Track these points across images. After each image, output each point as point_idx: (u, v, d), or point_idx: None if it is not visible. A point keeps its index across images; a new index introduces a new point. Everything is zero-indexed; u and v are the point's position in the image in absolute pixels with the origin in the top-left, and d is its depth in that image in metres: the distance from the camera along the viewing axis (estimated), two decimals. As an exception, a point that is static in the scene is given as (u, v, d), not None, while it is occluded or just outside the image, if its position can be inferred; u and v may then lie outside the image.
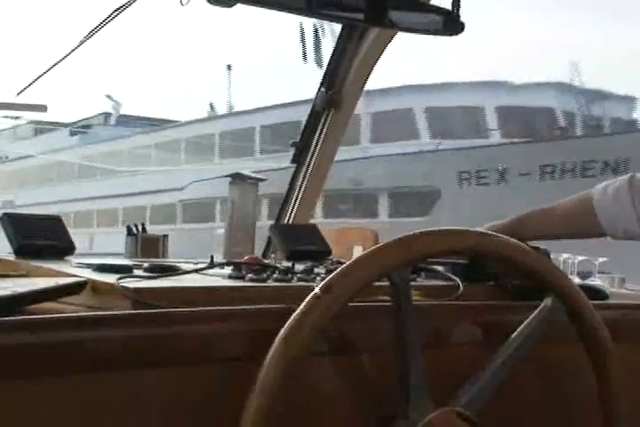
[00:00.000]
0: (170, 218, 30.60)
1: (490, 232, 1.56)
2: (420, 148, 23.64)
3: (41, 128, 41.48)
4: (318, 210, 25.89)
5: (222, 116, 33.17)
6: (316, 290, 1.32)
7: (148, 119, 39.40)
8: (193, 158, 32.10)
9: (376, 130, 25.49)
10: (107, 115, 40.55)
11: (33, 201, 36.79)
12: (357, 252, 2.93)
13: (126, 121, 38.94)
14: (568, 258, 2.58)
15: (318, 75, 2.78)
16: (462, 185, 22.48)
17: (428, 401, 1.40)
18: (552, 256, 1.97)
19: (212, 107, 36.29)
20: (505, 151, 21.43)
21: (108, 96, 40.36)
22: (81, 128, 39.61)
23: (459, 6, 2.01)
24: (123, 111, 40.38)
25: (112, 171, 34.93)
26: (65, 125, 40.96)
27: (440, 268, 1.88)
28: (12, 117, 42.15)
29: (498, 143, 22.71)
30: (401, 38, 2.62)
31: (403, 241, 1.41)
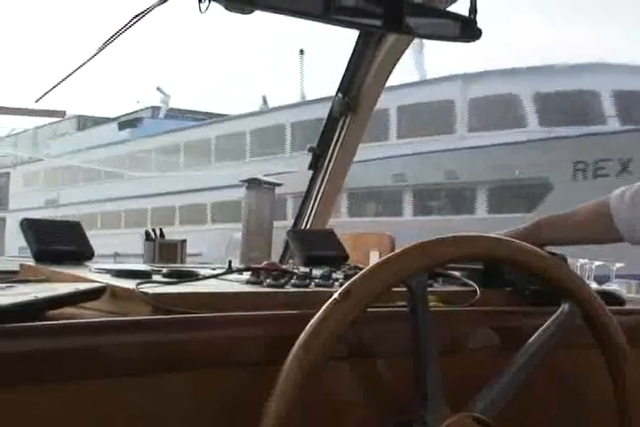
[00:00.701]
0: (236, 216, 28.10)
1: (506, 238, 1.56)
2: (528, 136, 21.38)
3: (84, 123, 39.70)
4: (407, 206, 24.36)
5: (293, 106, 29.65)
6: (335, 295, 1.32)
7: (197, 113, 37.39)
8: (260, 151, 29.53)
9: (474, 117, 23.27)
10: (154, 108, 38.47)
11: (78, 199, 35.17)
12: (374, 257, 2.93)
13: (174, 115, 36.94)
14: (585, 263, 2.58)
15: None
16: (577, 177, 20.54)
17: (445, 407, 1.40)
18: (569, 261, 1.97)
19: (264, 100, 33.67)
20: (627, 139, 19.30)
21: (159, 88, 38.32)
22: (130, 122, 37.35)
23: (475, 12, 2.01)
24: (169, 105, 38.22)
25: (168, 166, 32.65)
26: (110, 120, 39.01)
27: (457, 273, 1.89)
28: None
29: (618, 131, 20.55)
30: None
31: (419, 247, 1.41)
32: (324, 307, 1.31)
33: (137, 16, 1.97)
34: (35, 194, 38.98)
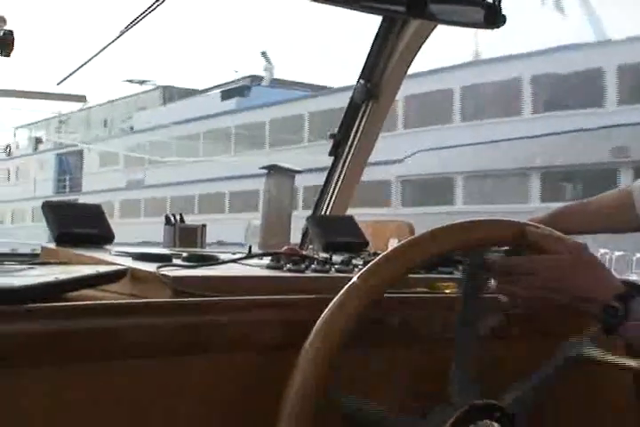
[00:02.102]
0: (381, 200, 23.09)
1: (535, 224, 1.54)
2: None
3: (170, 95, 36.14)
4: (568, 190, 21.25)
5: (464, 66, 24.08)
6: (354, 279, 1.32)
7: (302, 84, 33.35)
8: (414, 122, 24.29)
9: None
10: (254, 78, 34.29)
11: (167, 180, 31.35)
12: (394, 245, 2.92)
13: (279, 85, 32.77)
14: (605, 253, 2.57)
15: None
16: None
17: (476, 390, 1.40)
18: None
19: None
20: None
21: (263, 53, 34.23)
22: (236, 90, 32.85)
23: (500, -2, 2.01)
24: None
25: (288, 140, 28.23)
26: (198, 91, 35.31)
27: None
28: (137, 82, 36.94)
29: None
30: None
31: (439, 232, 1.40)
32: (342, 290, 1.31)
33: (157, 0, 1.97)
34: (114, 174, 35.07)
